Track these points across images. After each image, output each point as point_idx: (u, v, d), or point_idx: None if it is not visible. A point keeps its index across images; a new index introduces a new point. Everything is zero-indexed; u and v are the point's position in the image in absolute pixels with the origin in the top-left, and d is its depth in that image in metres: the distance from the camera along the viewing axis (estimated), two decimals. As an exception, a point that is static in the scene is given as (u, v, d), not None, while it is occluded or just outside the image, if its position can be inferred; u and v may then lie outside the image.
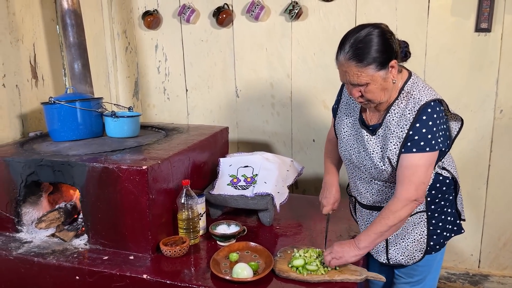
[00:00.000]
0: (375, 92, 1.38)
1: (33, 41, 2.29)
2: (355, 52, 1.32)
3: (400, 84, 1.44)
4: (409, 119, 1.39)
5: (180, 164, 1.88)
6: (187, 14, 2.68)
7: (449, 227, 1.60)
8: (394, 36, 1.37)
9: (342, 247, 1.50)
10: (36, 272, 1.72)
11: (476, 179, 2.40)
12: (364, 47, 1.32)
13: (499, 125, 2.29)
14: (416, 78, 1.46)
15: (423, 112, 1.37)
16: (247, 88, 2.75)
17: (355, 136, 1.56)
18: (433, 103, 1.38)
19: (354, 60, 1.33)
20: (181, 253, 1.67)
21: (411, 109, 1.39)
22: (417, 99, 1.39)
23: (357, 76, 1.35)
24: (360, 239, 1.48)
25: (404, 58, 1.44)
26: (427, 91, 1.41)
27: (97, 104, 2.12)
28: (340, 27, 2.43)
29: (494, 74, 2.24)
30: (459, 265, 2.55)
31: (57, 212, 1.89)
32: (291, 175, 2.09)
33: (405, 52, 1.43)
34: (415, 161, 1.39)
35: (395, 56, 1.35)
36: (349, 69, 1.36)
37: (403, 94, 1.43)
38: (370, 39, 1.32)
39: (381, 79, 1.35)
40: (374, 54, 1.32)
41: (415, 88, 1.42)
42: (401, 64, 1.47)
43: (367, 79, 1.35)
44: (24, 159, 1.82)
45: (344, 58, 1.35)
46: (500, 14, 2.16)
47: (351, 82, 1.38)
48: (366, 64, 1.32)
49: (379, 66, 1.33)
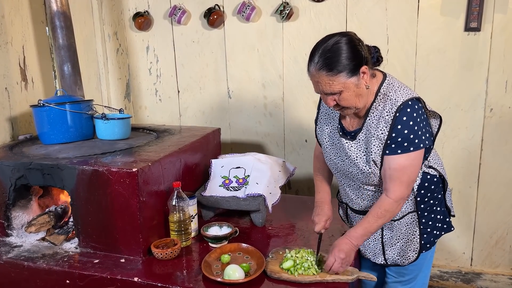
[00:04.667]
0: (349, 99, 1.38)
1: (23, 43, 2.27)
2: (324, 61, 1.34)
3: (376, 87, 1.45)
4: (387, 120, 1.40)
5: (171, 166, 1.87)
6: (178, 15, 2.67)
7: (439, 225, 1.62)
8: (362, 42, 1.39)
9: (345, 253, 1.48)
10: (26, 276, 1.71)
11: (467, 177, 2.41)
12: (332, 56, 1.33)
13: (489, 124, 2.30)
14: (391, 79, 1.47)
15: (402, 113, 1.38)
16: (239, 89, 2.75)
17: (336, 146, 1.57)
18: (411, 102, 1.39)
19: (325, 69, 1.34)
20: (172, 255, 1.66)
21: (389, 110, 1.40)
22: (394, 100, 1.40)
23: (329, 85, 1.36)
24: (358, 239, 1.49)
25: (376, 63, 1.45)
26: (403, 90, 1.42)
27: (87, 107, 2.11)
28: (331, 27, 2.44)
29: (484, 73, 2.25)
30: (451, 264, 2.56)
31: (47, 216, 1.88)
32: (283, 176, 2.09)
33: (377, 57, 1.44)
34: (402, 163, 1.40)
35: (365, 62, 1.37)
36: (320, 79, 1.37)
37: (380, 96, 1.44)
38: (338, 48, 1.34)
39: (353, 86, 1.36)
40: (343, 61, 1.33)
41: (391, 89, 1.43)
42: (376, 68, 1.48)
43: (340, 87, 1.36)
44: (13, 162, 1.80)
45: (315, 68, 1.36)
46: (490, 13, 2.18)
47: (325, 91, 1.39)
48: (336, 72, 1.34)
49: (350, 73, 1.34)
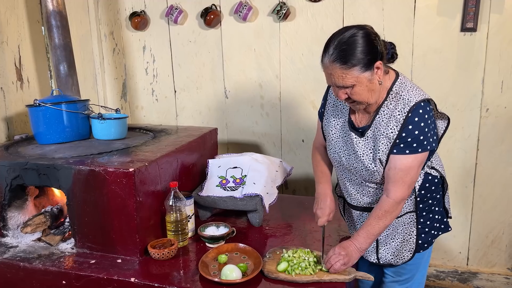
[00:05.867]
0: (362, 93, 1.37)
1: (18, 43, 2.26)
2: (339, 54, 1.32)
3: (388, 85, 1.44)
4: (399, 120, 1.39)
5: (168, 166, 1.86)
6: (175, 15, 2.67)
7: (436, 226, 1.62)
8: (379, 37, 1.36)
9: (346, 251, 1.48)
10: (22, 277, 1.70)
11: (463, 177, 2.42)
12: (348, 49, 1.31)
13: (486, 124, 2.31)
14: (403, 78, 1.46)
15: (414, 113, 1.37)
16: (236, 89, 2.74)
17: (344, 139, 1.56)
18: (423, 103, 1.38)
19: (339, 62, 1.32)
20: (169, 255, 1.66)
21: (401, 110, 1.39)
22: (407, 99, 1.39)
23: (342, 78, 1.34)
24: (360, 241, 1.49)
25: (391, 59, 1.43)
26: (416, 91, 1.41)
27: (84, 106, 2.10)
28: (327, 27, 2.44)
29: (480, 73, 2.26)
30: (447, 263, 2.57)
31: (43, 216, 1.87)
32: (280, 176, 2.09)
33: (392, 53, 1.42)
34: (408, 163, 1.40)
35: (380, 57, 1.35)
36: (334, 71, 1.35)
37: (392, 95, 1.43)
38: (354, 41, 1.32)
39: (366, 81, 1.35)
40: (358, 55, 1.31)
41: (403, 89, 1.42)
42: (388, 65, 1.47)
43: (353, 81, 1.34)
44: (9, 162, 1.79)
45: (329, 60, 1.34)
46: (486, 14, 2.19)
47: (337, 84, 1.37)
48: (350, 65, 1.32)
49: (364, 68, 1.32)
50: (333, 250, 1.50)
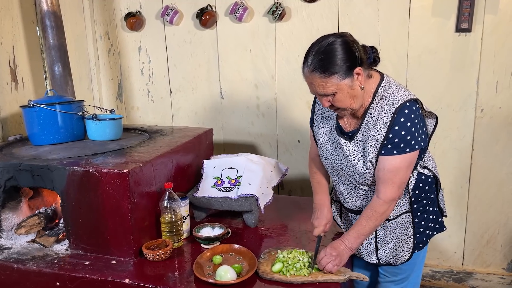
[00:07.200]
0: (344, 100, 1.38)
1: (13, 43, 2.25)
2: (318, 63, 1.33)
3: (373, 88, 1.44)
4: (385, 121, 1.39)
5: (163, 166, 1.86)
6: (170, 16, 2.66)
7: (431, 225, 1.62)
8: (357, 43, 1.37)
9: (337, 251, 1.49)
10: (16, 278, 1.69)
11: (458, 177, 2.42)
12: (326, 58, 1.32)
13: (480, 124, 2.32)
14: (388, 79, 1.47)
15: (400, 114, 1.37)
16: (231, 90, 2.74)
17: (333, 144, 1.57)
18: (409, 103, 1.39)
19: (318, 71, 1.33)
20: (164, 256, 1.65)
21: (387, 111, 1.39)
22: (392, 101, 1.40)
23: (323, 87, 1.35)
24: (351, 241, 1.50)
25: (373, 63, 1.43)
26: (401, 91, 1.42)
27: (78, 107, 2.09)
28: (323, 28, 2.44)
29: (475, 73, 2.27)
30: (443, 263, 2.58)
31: (37, 217, 1.86)
32: (275, 176, 2.09)
33: (374, 57, 1.42)
34: (396, 164, 1.40)
35: (360, 63, 1.35)
36: (314, 80, 1.36)
37: (378, 97, 1.43)
38: (332, 49, 1.32)
39: (347, 87, 1.35)
40: (337, 63, 1.32)
41: (388, 90, 1.43)
42: (374, 68, 1.47)
43: (333, 89, 1.35)
44: (3, 163, 1.78)
45: (308, 70, 1.36)
46: (480, 14, 2.19)
47: (318, 93, 1.39)
48: (329, 74, 1.33)
49: (343, 75, 1.33)
50: (324, 251, 1.51)
